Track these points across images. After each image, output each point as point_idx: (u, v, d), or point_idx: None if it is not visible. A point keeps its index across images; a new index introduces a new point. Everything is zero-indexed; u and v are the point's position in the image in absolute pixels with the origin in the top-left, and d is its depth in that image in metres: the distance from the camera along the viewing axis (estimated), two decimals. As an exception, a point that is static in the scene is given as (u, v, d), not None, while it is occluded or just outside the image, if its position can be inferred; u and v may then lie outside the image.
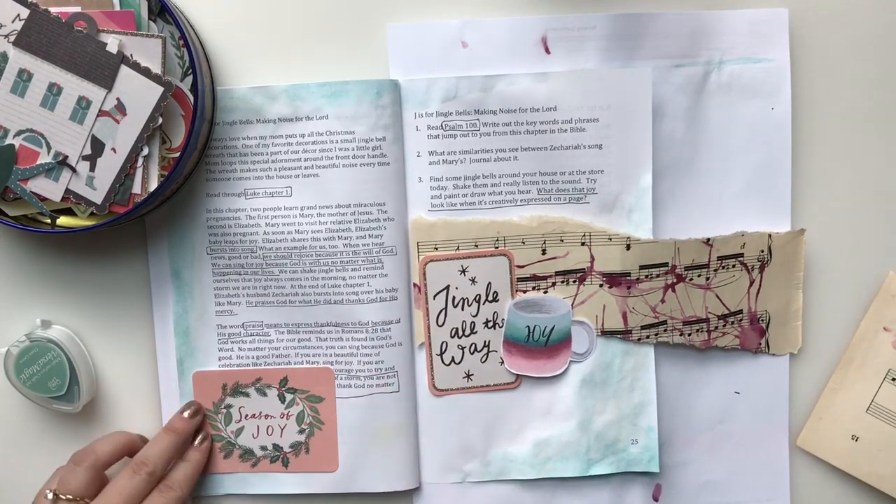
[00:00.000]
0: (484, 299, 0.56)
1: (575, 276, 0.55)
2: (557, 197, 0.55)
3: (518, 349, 0.56)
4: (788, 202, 0.57)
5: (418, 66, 0.55)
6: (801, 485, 0.59)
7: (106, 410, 0.57)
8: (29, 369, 0.53)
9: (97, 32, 0.48)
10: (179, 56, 0.50)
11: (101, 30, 0.48)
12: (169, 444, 0.52)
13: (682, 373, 0.57)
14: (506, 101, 0.54)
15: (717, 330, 0.56)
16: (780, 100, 0.56)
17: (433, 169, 0.55)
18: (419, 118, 0.55)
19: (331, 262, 0.54)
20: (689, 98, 0.55)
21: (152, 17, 0.49)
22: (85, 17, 0.48)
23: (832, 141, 0.57)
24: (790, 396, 0.58)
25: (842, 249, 0.57)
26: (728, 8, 0.55)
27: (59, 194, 0.50)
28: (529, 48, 0.55)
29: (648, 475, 0.57)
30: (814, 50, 0.56)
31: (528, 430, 0.56)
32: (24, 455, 0.57)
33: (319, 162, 0.54)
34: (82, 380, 0.54)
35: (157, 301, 0.55)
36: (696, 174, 0.56)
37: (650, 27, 0.54)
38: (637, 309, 0.55)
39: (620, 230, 0.55)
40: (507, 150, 0.55)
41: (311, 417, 0.56)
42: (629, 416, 0.56)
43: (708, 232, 0.56)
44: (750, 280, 0.57)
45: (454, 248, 0.55)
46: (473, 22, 0.54)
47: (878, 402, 0.57)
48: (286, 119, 0.54)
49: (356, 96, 0.53)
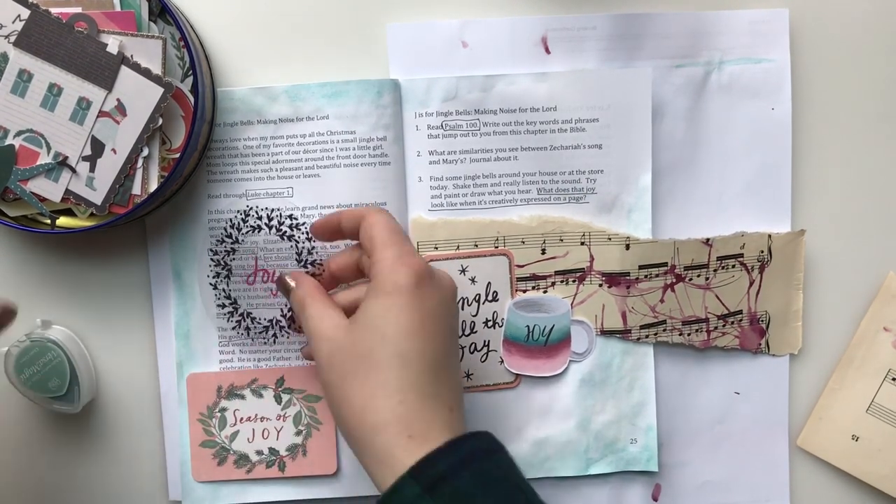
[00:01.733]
0: (484, 299, 0.56)
1: (574, 275, 0.56)
2: (557, 197, 0.55)
3: (518, 349, 0.56)
4: (788, 202, 0.57)
5: (418, 65, 0.55)
6: (801, 485, 0.59)
7: (106, 410, 0.57)
8: (29, 369, 0.53)
9: (98, 33, 0.48)
10: (180, 57, 0.50)
11: (101, 31, 0.48)
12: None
13: (681, 373, 0.57)
14: (506, 101, 0.54)
15: (716, 330, 0.57)
16: (780, 100, 0.56)
17: (433, 169, 0.55)
18: (419, 118, 0.55)
19: (331, 262, 0.54)
20: (689, 98, 0.55)
21: (153, 17, 0.49)
22: (85, 18, 0.48)
23: (832, 141, 0.57)
24: (790, 396, 0.58)
25: (842, 249, 0.57)
26: (728, 8, 0.55)
27: (58, 195, 0.50)
28: (529, 48, 0.55)
29: (648, 475, 0.57)
30: (814, 50, 0.56)
31: (527, 429, 0.56)
32: (23, 455, 0.57)
33: (320, 162, 0.54)
34: (82, 380, 0.54)
35: (158, 302, 0.55)
36: (696, 174, 0.56)
37: (650, 27, 0.54)
38: (636, 309, 0.55)
39: (620, 230, 0.55)
40: (507, 149, 0.55)
41: (309, 418, 0.55)
42: (628, 415, 0.56)
43: (708, 232, 0.56)
44: (750, 280, 0.57)
45: (454, 247, 0.55)
46: (473, 22, 0.54)
47: (878, 402, 0.57)
48: (287, 119, 0.54)
49: (357, 96, 0.53)
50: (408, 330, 0.42)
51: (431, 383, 0.42)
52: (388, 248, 0.44)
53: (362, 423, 0.41)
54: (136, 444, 0.57)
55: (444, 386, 0.42)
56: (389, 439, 0.40)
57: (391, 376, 0.41)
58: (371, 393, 0.41)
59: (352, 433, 0.42)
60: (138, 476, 0.57)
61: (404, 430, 0.40)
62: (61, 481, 0.57)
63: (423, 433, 0.40)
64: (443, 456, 0.39)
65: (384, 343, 0.41)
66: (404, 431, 0.40)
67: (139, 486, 0.57)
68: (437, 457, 0.39)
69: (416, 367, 0.41)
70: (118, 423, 0.57)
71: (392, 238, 0.44)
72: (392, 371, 0.41)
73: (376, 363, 0.41)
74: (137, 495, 0.57)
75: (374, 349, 0.42)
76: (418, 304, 0.42)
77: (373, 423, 0.41)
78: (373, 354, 0.42)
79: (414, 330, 0.42)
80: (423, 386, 0.41)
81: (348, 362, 0.42)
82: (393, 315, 0.42)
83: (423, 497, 0.38)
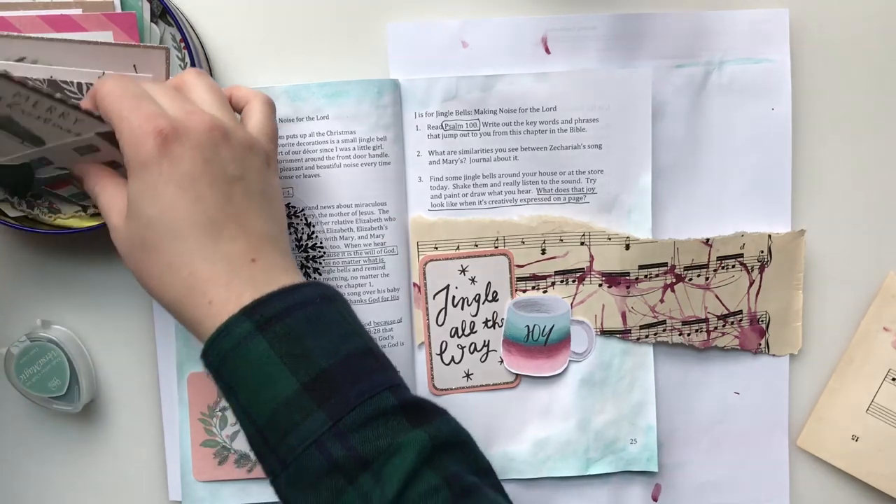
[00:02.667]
0: (483, 299, 0.56)
1: (574, 275, 0.56)
2: (557, 197, 0.55)
3: (517, 349, 0.56)
4: (788, 202, 0.57)
5: (418, 65, 0.55)
6: (801, 485, 0.59)
7: (106, 410, 0.57)
8: (29, 369, 0.53)
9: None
10: (180, 58, 0.50)
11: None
12: None
13: (681, 373, 0.57)
14: (506, 101, 0.54)
15: (716, 330, 0.57)
16: (780, 100, 0.56)
17: (433, 168, 0.55)
18: (419, 118, 0.55)
19: (332, 263, 0.54)
20: (690, 98, 0.55)
21: (154, 19, 0.49)
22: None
23: (832, 141, 0.57)
24: (790, 396, 0.58)
25: (842, 249, 0.57)
26: (728, 8, 0.55)
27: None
28: (529, 48, 0.55)
29: (647, 475, 0.57)
30: (814, 50, 0.56)
31: (527, 429, 0.56)
32: (23, 455, 0.57)
33: (320, 162, 0.54)
34: (82, 380, 0.54)
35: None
36: (696, 174, 0.56)
37: (650, 27, 0.54)
38: (636, 309, 0.55)
39: (620, 230, 0.55)
40: (507, 149, 0.55)
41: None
42: (628, 415, 0.56)
43: (708, 232, 0.56)
44: (749, 280, 0.57)
45: (454, 247, 0.55)
46: (473, 22, 0.54)
47: (878, 402, 0.57)
48: (287, 119, 0.54)
49: (357, 96, 0.53)
50: (168, 203, 0.40)
51: (215, 243, 0.40)
52: (121, 120, 0.40)
53: (165, 300, 0.41)
54: (136, 444, 0.57)
55: (236, 241, 0.41)
56: (192, 310, 0.40)
57: (171, 253, 0.40)
58: (159, 273, 0.41)
59: (163, 307, 0.42)
60: (138, 476, 0.57)
61: (202, 297, 0.40)
62: (61, 481, 0.57)
63: (223, 295, 0.40)
64: (276, 298, 0.40)
65: (150, 224, 0.40)
66: (202, 299, 0.40)
67: (139, 486, 0.57)
68: (271, 299, 0.40)
69: (192, 235, 0.40)
70: (118, 423, 0.57)
71: (122, 104, 0.40)
72: (170, 248, 0.40)
73: (154, 245, 0.41)
74: (137, 495, 0.57)
75: (146, 234, 0.41)
76: (168, 172, 0.40)
77: (171, 298, 0.41)
78: (147, 238, 0.41)
79: (173, 201, 0.40)
80: (206, 250, 0.40)
81: (136, 249, 0.42)
82: (149, 194, 0.40)
83: (254, 333, 0.39)
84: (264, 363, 0.39)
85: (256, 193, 0.43)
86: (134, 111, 0.40)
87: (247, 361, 0.39)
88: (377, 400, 0.40)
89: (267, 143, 0.45)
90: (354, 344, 0.41)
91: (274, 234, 0.43)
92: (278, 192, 0.45)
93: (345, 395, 0.39)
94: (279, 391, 0.39)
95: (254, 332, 0.39)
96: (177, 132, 0.40)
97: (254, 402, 0.39)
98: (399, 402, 0.40)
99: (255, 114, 0.45)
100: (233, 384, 0.40)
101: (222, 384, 0.40)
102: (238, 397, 0.40)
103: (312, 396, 0.39)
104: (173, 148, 0.40)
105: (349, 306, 0.43)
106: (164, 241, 0.40)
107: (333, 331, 0.41)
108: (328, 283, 0.50)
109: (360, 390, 0.39)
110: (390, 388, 0.41)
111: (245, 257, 0.41)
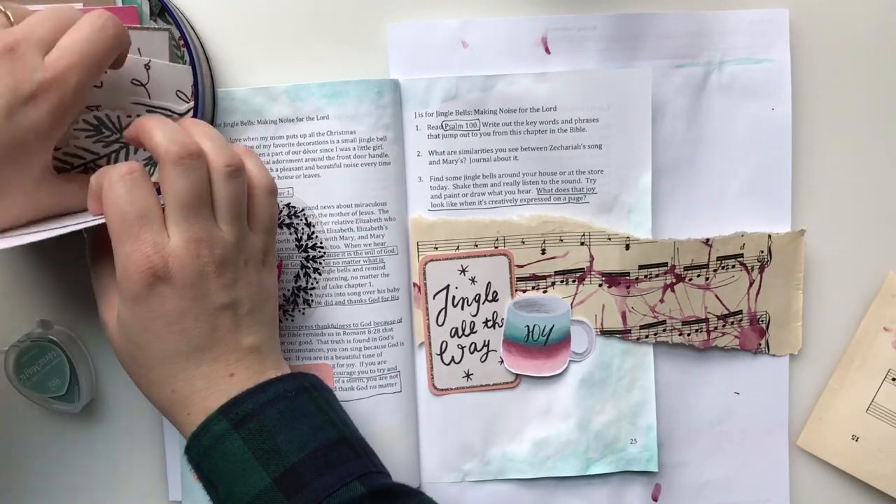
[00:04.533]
0: (484, 299, 0.56)
1: (574, 275, 0.56)
2: (557, 197, 0.55)
3: (517, 349, 0.56)
4: (788, 202, 0.57)
5: (418, 65, 0.55)
6: (801, 485, 0.59)
7: (106, 410, 0.57)
8: (29, 369, 0.53)
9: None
10: (180, 57, 0.50)
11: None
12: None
13: (681, 373, 0.57)
14: (506, 101, 0.54)
15: (716, 330, 0.57)
16: (780, 100, 0.56)
17: (433, 168, 0.55)
18: (419, 118, 0.55)
19: (332, 263, 0.54)
20: (690, 98, 0.55)
21: (153, 17, 0.49)
22: None
23: (832, 141, 0.57)
24: (790, 396, 0.58)
25: (842, 249, 0.57)
26: (728, 8, 0.55)
27: None
28: (529, 48, 0.55)
29: (647, 475, 0.57)
30: (814, 50, 0.56)
31: (527, 429, 0.56)
32: (23, 455, 0.57)
33: (320, 162, 0.54)
34: (82, 380, 0.54)
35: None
36: (696, 174, 0.56)
37: (650, 27, 0.54)
38: (636, 309, 0.55)
39: (620, 230, 0.55)
40: (507, 149, 0.55)
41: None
42: (628, 415, 0.56)
43: (708, 232, 0.56)
44: (749, 280, 0.57)
45: (454, 247, 0.55)
46: (473, 22, 0.54)
47: (878, 402, 0.57)
48: (287, 120, 0.54)
49: (357, 96, 0.53)
50: (155, 335, 0.43)
51: (197, 366, 0.43)
52: (120, 245, 0.42)
53: (151, 401, 0.45)
54: (136, 444, 0.57)
55: (217, 361, 0.43)
56: (174, 417, 0.44)
57: (156, 373, 0.43)
58: (146, 383, 0.44)
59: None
60: (138, 476, 0.57)
61: (182, 409, 0.43)
62: (61, 481, 0.57)
63: (199, 407, 0.43)
64: (250, 395, 0.43)
65: (139, 348, 0.43)
66: (183, 411, 0.43)
67: (139, 486, 0.57)
68: (245, 396, 0.43)
69: (176, 363, 0.43)
70: (118, 423, 0.57)
71: (123, 227, 0.42)
72: (155, 369, 0.43)
73: (141, 363, 0.44)
74: (137, 495, 0.57)
75: (135, 352, 0.44)
76: (157, 309, 0.42)
77: (156, 403, 0.45)
78: (136, 356, 0.44)
79: (160, 334, 0.43)
80: (188, 373, 0.43)
81: (125, 356, 0.45)
82: (137, 325, 0.43)
83: (230, 431, 0.42)
84: (239, 459, 0.41)
85: (245, 313, 0.45)
86: (133, 241, 0.42)
87: (224, 458, 0.42)
88: (345, 491, 0.41)
89: (266, 239, 0.47)
90: (326, 435, 0.43)
91: (259, 342, 0.45)
92: (272, 289, 0.47)
93: (312, 488, 0.41)
94: (252, 486, 0.41)
95: (230, 430, 0.42)
96: (167, 272, 0.42)
97: (231, 496, 0.42)
98: (368, 490, 0.42)
99: (257, 207, 0.46)
100: (212, 479, 0.42)
101: (203, 478, 0.43)
102: (217, 491, 0.42)
103: (283, 490, 0.41)
104: (162, 289, 0.42)
105: (329, 393, 0.46)
106: (150, 362, 0.43)
107: (305, 424, 0.43)
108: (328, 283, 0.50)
109: (326, 483, 0.41)
110: (360, 477, 0.42)
111: (224, 373, 0.43)
